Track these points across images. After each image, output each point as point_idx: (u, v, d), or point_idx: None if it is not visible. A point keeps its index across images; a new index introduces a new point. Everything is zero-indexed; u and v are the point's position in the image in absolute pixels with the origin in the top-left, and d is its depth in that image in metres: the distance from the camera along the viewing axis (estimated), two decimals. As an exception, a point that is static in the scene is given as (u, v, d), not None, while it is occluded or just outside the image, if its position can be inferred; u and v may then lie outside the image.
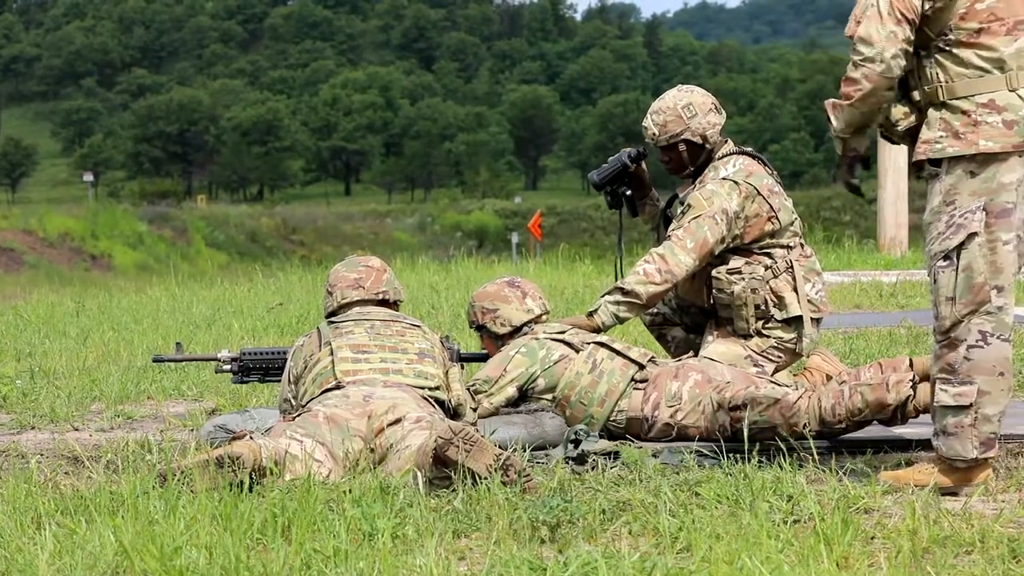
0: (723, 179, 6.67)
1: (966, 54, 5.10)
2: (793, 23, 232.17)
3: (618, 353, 6.28)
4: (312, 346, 5.98)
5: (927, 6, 5.10)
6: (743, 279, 6.65)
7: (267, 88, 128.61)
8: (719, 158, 6.79)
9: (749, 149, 6.89)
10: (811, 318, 6.72)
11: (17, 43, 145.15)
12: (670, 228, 6.68)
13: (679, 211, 6.75)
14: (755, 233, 6.66)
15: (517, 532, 4.38)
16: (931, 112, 5.16)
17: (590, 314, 6.63)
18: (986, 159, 5.04)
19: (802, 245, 6.83)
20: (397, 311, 6.33)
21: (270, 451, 5.16)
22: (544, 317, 6.57)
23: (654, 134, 6.81)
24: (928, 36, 5.15)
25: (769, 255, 6.69)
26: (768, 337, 6.69)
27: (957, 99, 5.10)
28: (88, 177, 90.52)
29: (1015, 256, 5.10)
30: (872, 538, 4.27)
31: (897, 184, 20.83)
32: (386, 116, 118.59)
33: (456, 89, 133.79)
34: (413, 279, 14.83)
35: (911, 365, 5.95)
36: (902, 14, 5.08)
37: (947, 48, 5.13)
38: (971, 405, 5.04)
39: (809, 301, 6.73)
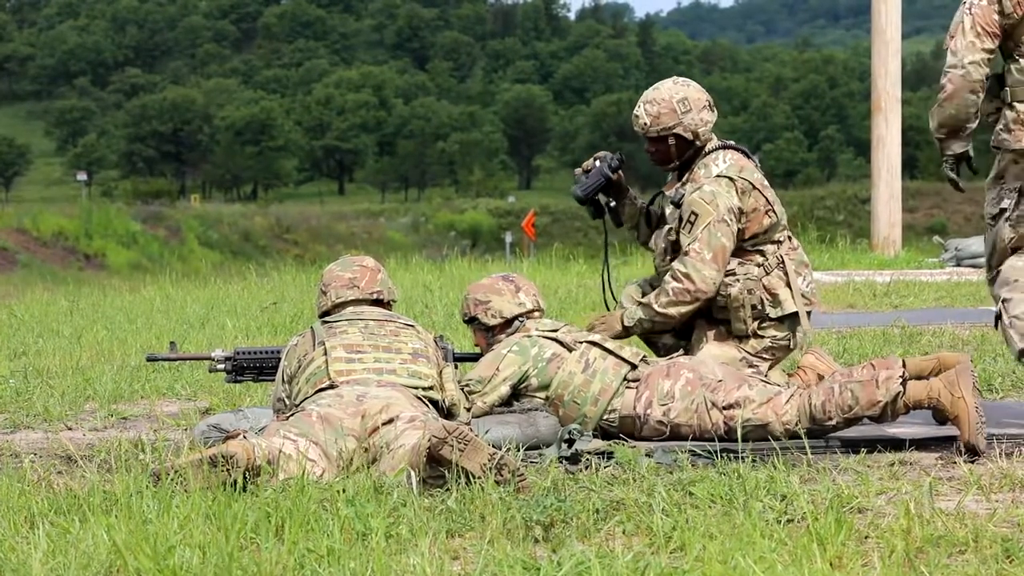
0: (718, 177, 6.66)
1: None
2: (786, 22, 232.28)
3: (610, 352, 6.29)
4: (306, 346, 5.98)
5: (1004, 22, 6.17)
6: (738, 280, 6.65)
7: (260, 87, 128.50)
8: (706, 154, 6.77)
9: (732, 143, 6.87)
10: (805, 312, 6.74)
11: (10, 42, 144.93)
12: (684, 241, 6.63)
13: (679, 217, 6.67)
14: (754, 228, 6.66)
15: (511, 531, 4.38)
16: (1003, 110, 6.30)
17: (622, 318, 6.69)
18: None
19: (789, 238, 6.84)
20: (391, 311, 6.33)
21: (264, 450, 5.16)
22: (536, 313, 6.57)
23: (645, 124, 6.78)
24: (1009, 48, 6.23)
25: (761, 252, 6.69)
26: (763, 337, 6.70)
27: (1017, 101, 6.23)
28: (82, 176, 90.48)
29: None
30: (866, 538, 4.27)
31: (891, 184, 20.86)
32: (379, 115, 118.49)
33: (449, 88, 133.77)
34: (407, 278, 14.83)
35: (903, 364, 5.95)
36: (983, 28, 6.14)
37: (1017, 58, 6.22)
38: (1000, 315, 6.29)
39: (801, 295, 6.74)
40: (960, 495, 4.85)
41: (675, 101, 6.75)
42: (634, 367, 6.24)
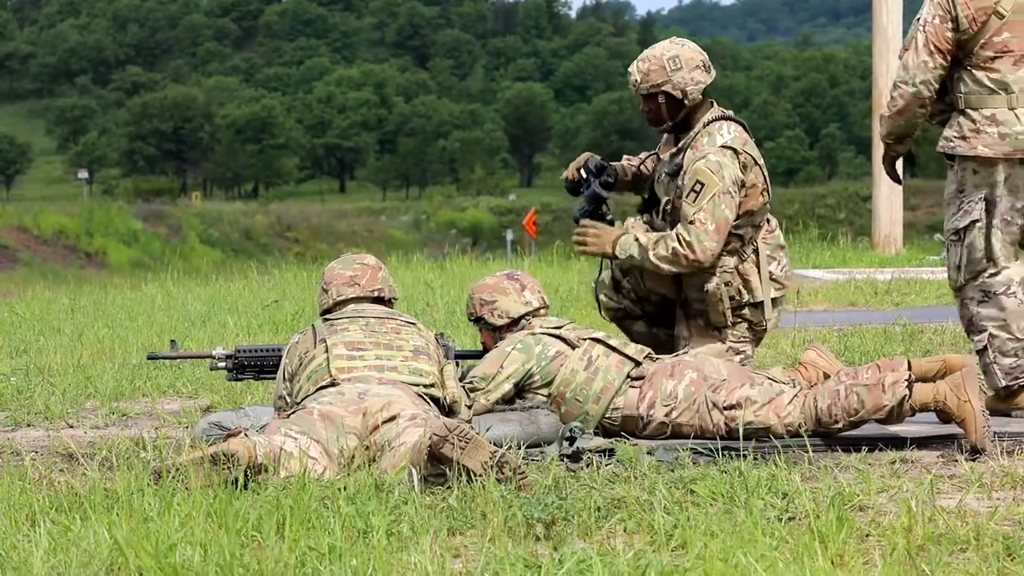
0: (723, 147, 6.64)
1: (980, 75, 6.46)
2: (787, 21, 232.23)
3: (614, 350, 6.28)
4: (307, 343, 5.98)
5: (958, 37, 6.44)
6: (715, 275, 6.67)
7: (261, 85, 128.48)
8: (709, 122, 6.74)
9: (731, 113, 6.86)
10: (773, 299, 6.77)
11: (11, 40, 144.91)
12: (688, 210, 6.58)
13: (680, 185, 6.66)
14: (749, 204, 6.66)
15: (512, 529, 4.38)
16: (953, 115, 6.56)
17: (616, 241, 6.71)
18: (984, 161, 6.45)
19: (768, 219, 6.84)
20: (392, 309, 6.33)
21: (265, 448, 5.16)
22: (542, 311, 6.56)
23: (636, 80, 6.78)
24: (959, 56, 6.48)
25: (739, 237, 6.69)
26: (740, 322, 6.74)
27: (970, 109, 6.47)
28: (83, 175, 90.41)
29: (1006, 235, 6.48)
30: (867, 536, 4.27)
31: (892, 183, 20.80)
32: (380, 113, 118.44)
33: (450, 86, 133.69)
34: (408, 277, 14.82)
35: (909, 366, 5.95)
36: (935, 46, 6.44)
37: (969, 68, 6.48)
38: (986, 348, 6.46)
39: (773, 279, 6.77)
40: (961, 493, 4.85)
41: (665, 59, 6.74)
42: (638, 364, 6.23)
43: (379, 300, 6.29)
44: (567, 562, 3.88)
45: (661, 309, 6.96)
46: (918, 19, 6.50)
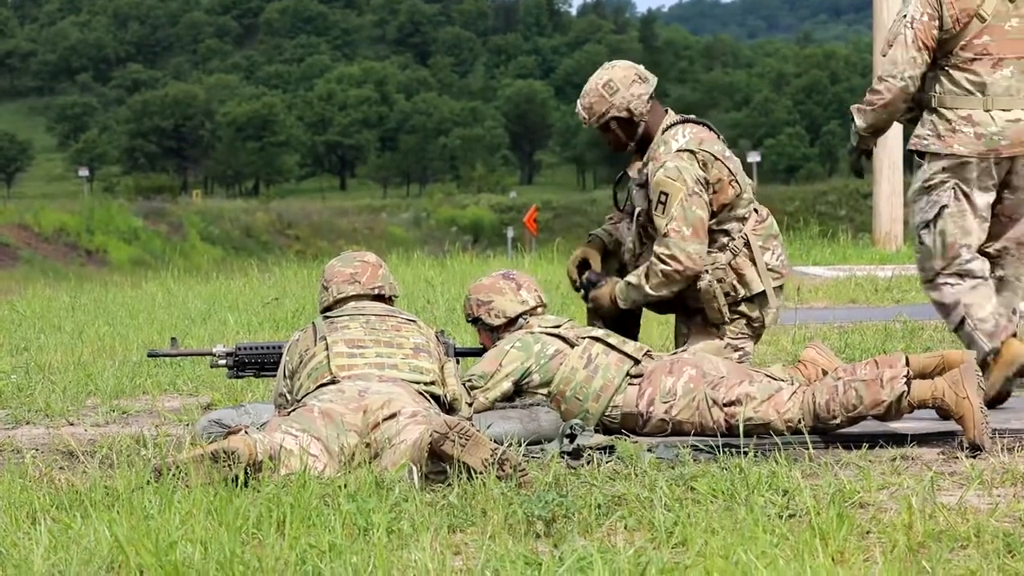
0: (678, 151, 6.65)
1: (959, 76, 6.65)
2: (788, 18, 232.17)
3: (613, 348, 6.28)
4: (307, 341, 5.98)
5: (941, 36, 6.60)
6: (707, 272, 6.68)
7: (262, 83, 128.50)
8: (664, 130, 6.76)
9: (693, 116, 6.88)
10: (774, 288, 6.77)
11: (11, 38, 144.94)
12: (661, 223, 6.61)
13: (648, 198, 6.68)
14: (721, 199, 6.67)
15: (512, 527, 4.38)
16: (925, 114, 6.73)
17: (612, 295, 6.76)
18: (957, 159, 6.63)
19: (756, 211, 6.84)
20: (393, 306, 6.32)
21: (265, 446, 5.16)
22: (539, 309, 6.56)
23: (584, 118, 6.86)
24: (937, 56, 6.66)
25: (726, 232, 6.70)
26: (738, 318, 6.74)
27: (945, 108, 6.66)
28: (83, 172, 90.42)
29: (979, 223, 6.67)
30: (867, 533, 4.27)
31: (892, 180, 20.84)
32: (381, 111, 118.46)
33: (451, 84, 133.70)
34: (408, 274, 14.82)
35: (907, 362, 5.95)
36: (924, 43, 6.61)
37: (947, 68, 6.66)
38: (964, 319, 6.63)
39: (770, 269, 6.78)
40: (962, 490, 4.85)
41: (600, 86, 6.79)
42: (637, 362, 6.23)
43: (380, 298, 6.29)
44: (567, 559, 3.88)
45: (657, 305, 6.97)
46: (904, 15, 6.65)
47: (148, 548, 3.97)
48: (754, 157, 74.95)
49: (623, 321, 6.89)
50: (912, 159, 6.90)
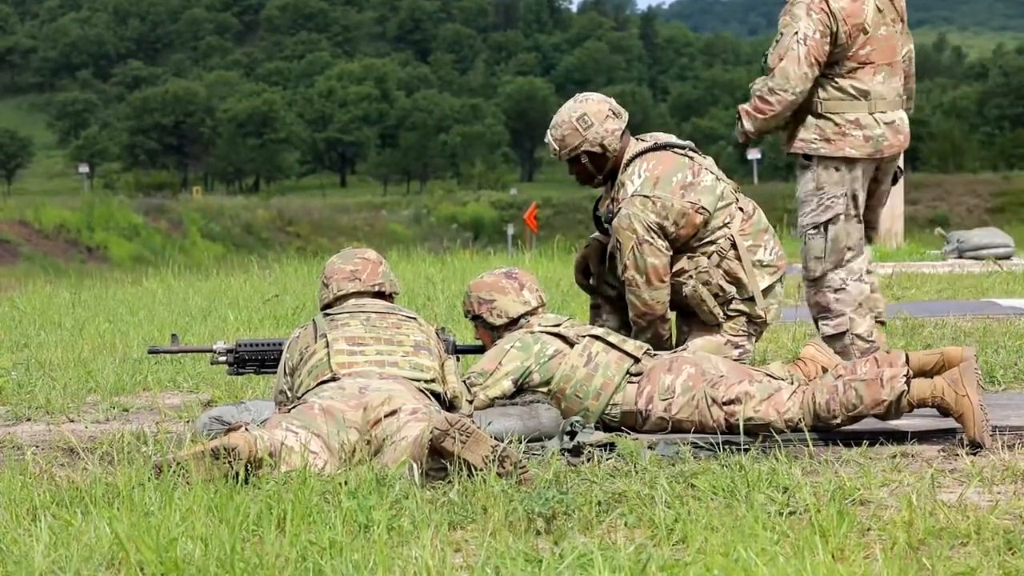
0: (632, 197, 6.70)
1: (844, 83, 7.05)
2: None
3: (613, 346, 6.28)
4: (308, 338, 5.98)
5: (832, 50, 6.99)
6: (691, 277, 6.74)
7: (263, 80, 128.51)
8: (625, 165, 6.82)
9: (650, 143, 6.89)
10: (768, 285, 6.82)
11: (12, 35, 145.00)
12: (619, 269, 6.74)
13: (613, 244, 6.79)
14: (690, 230, 6.75)
15: (513, 524, 4.38)
16: (810, 119, 7.09)
17: None
18: (848, 161, 7.06)
19: (741, 209, 6.86)
20: (393, 303, 6.32)
21: (266, 443, 5.16)
22: (541, 310, 6.56)
23: (555, 149, 6.95)
24: (822, 66, 7.02)
25: (711, 242, 6.74)
26: (738, 316, 6.77)
27: (832, 113, 7.05)
28: (84, 169, 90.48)
29: (858, 222, 7.17)
30: (868, 530, 4.27)
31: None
32: (381, 108, 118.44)
33: (451, 81, 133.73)
34: (409, 271, 14.82)
35: (907, 360, 5.95)
36: (815, 59, 6.96)
37: (832, 77, 7.06)
38: (846, 331, 7.11)
39: (765, 265, 6.80)
40: (962, 487, 4.85)
41: (575, 120, 6.87)
42: (637, 360, 6.23)
43: (380, 295, 6.29)
44: (568, 556, 3.88)
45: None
46: (796, 32, 6.96)
47: (148, 545, 3.97)
48: (754, 155, 74.85)
49: (627, 323, 6.95)
50: (796, 161, 7.18)
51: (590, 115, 6.83)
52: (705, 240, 6.74)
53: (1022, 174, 76.55)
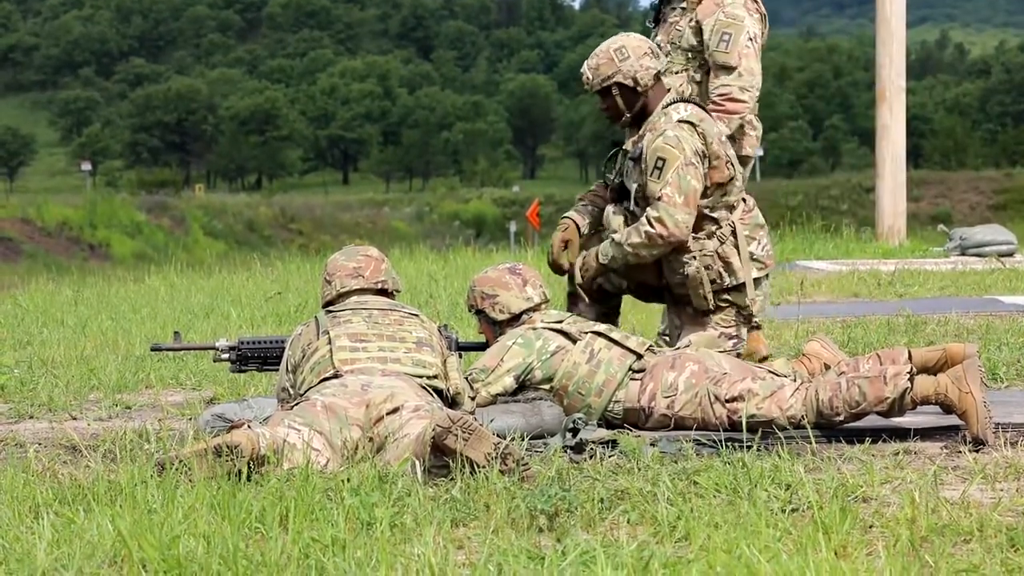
0: (679, 121, 6.63)
1: None
2: (790, 11, 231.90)
3: (616, 343, 6.28)
4: (310, 335, 5.97)
5: None
6: (695, 258, 6.66)
7: (265, 77, 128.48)
8: (666, 105, 6.74)
9: (691, 98, 6.88)
10: (756, 279, 6.78)
11: (15, 32, 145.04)
12: (655, 188, 6.55)
13: (642, 167, 6.62)
14: (716, 177, 6.63)
15: (515, 521, 4.38)
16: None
17: (597, 254, 6.78)
18: (748, 159, 7.24)
19: (744, 200, 6.84)
20: (394, 301, 6.32)
21: (268, 440, 5.16)
22: (544, 306, 6.55)
23: (588, 78, 6.78)
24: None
25: (715, 221, 6.69)
26: (728, 308, 6.73)
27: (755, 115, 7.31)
28: (86, 166, 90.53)
29: None
30: (870, 527, 4.27)
31: (895, 173, 20.84)
32: (384, 105, 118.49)
33: (454, 78, 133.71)
34: (411, 268, 14.83)
35: (909, 357, 5.95)
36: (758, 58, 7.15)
37: None
38: None
39: (755, 259, 6.78)
40: (965, 484, 4.85)
41: (612, 50, 6.75)
42: (639, 357, 6.23)
43: (382, 292, 6.28)
44: (570, 554, 3.88)
45: (641, 290, 6.99)
46: (747, 32, 7.07)
47: (151, 542, 3.97)
48: (756, 151, 74.83)
49: (604, 314, 6.90)
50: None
51: (628, 48, 6.75)
52: (713, 214, 6.68)
53: (1024, 171, 76.50)
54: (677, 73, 7.22)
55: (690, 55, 7.24)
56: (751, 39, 7.09)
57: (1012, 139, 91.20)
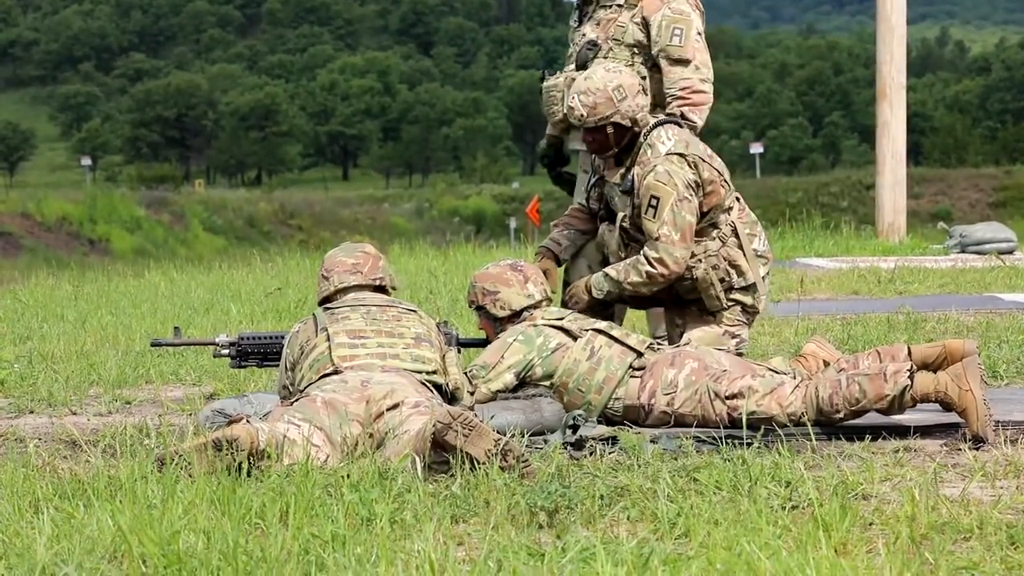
0: (667, 155, 6.61)
1: None
2: (791, 8, 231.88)
3: (616, 340, 6.27)
4: (308, 332, 5.98)
5: None
6: (701, 261, 6.65)
7: (265, 73, 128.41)
8: (647, 132, 6.69)
9: (663, 116, 6.85)
10: (761, 276, 6.78)
11: (15, 27, 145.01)
12: (652, 227, 6.53)
13: (636, 203, 6.61)
14: (713, 200, 6.61)
15: (515, 517, 4.38)
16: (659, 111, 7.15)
17: (588, 287, 6.74)
18: None
19: (738, 199, 6.83)
20: (391, 297, 6.32)
21: (267, 435, 5.16)
22: (544, 303, 6.55)
23: (582, 115, 6.65)
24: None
25: (714, 224, 6.69)
26: (734, 306, 6.73)
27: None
28: (86, 162, 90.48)
29: None
30: (870, 524, 4.27)
31: (895, 171, 20.82)
32: (384, 101, 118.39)
33: (454, 74, 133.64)
34: (411, 264, 14.83)
35: (909, 353, 5.95)
36: None
37: None
38: None
39: (759, 255, 6.78)
40: (965, 482, 4.85)
41: (610, 89, 6.64)
42: (640, 355, 6.23)
43: (380, 288, 6.29)
44: (570, 550, 3.88)
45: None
46: (693, 26, 7.18)
47: (151, 538, 3.97)
48: (757, 148, 74.83)
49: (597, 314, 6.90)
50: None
51: (625, 87, 6.69)
52: (711, 221, 6.69)
53: (1024, 169, 76.47)
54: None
55: (635, 50, 7.23)
56: (699, 33, 7.20)
57: (1012, 136, 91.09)
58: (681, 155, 6.57)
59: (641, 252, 6.59)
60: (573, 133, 7.39)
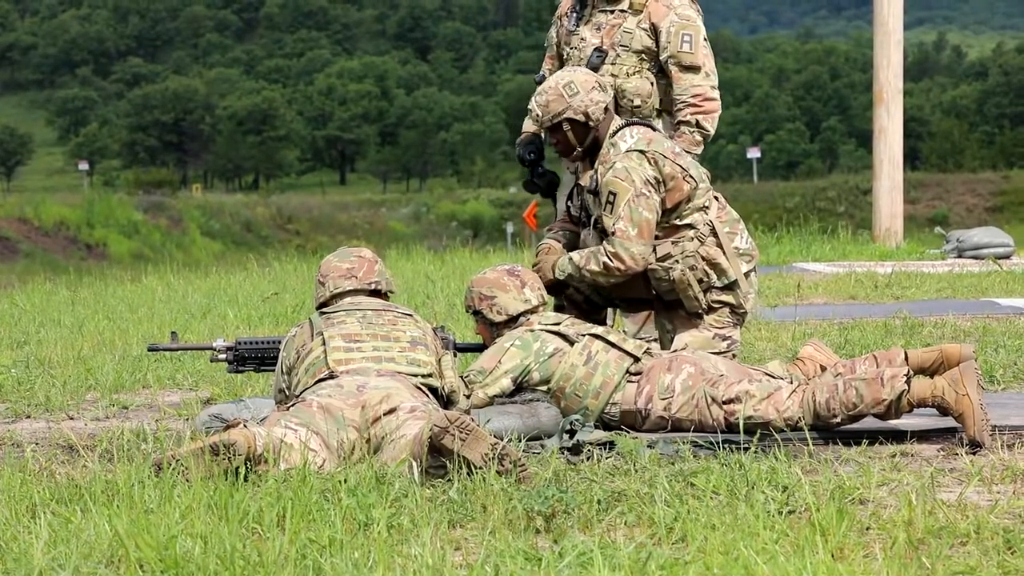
0: (628, 152, 6.63)
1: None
2: (788, 13, 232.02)
3: (613, 345, 6.27)
4: (304, 336, 5.98)
5: None
6: (678, 262, 6.65)
7: (262, 77, 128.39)
8: (612, 134, 6.74)
9: (637, 119, 6.87)
10: (745, 272, 6.76)
11: (12, 31, 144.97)
12: (608, 223, 6.57)
13: (599, 200, 6.66)
14: (676, 196, 6.61)
15: (512, 522, 4.38)
16: (660, 117, 7.33)
17: (554, 266, 6.80)
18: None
19: (716, 198, 6.83)
20: (388, 301, 6.33)
21: (265, 440, 5.16)
22: (541, 308, 6.55)
23: (538, 115, 6.75)
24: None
25: (690, 225, 6.68)
26: (721, 308, 6.72)
27: (667, 113, 7.32)
28: (83, 166, 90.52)
29: None
30: (867, 529, 4.27)
31: (892, 175, 20.84)
32: (381, 106, 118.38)
33: (451, 79, 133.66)
34: (408, 269, 14.83)
35: (906, 358, 5.94)
36: None
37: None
38: None
39: (742, 253, 6.76)
40: (962, 486, 4.85)
41: (561, 86, 6.72)
42: (636, 360, 6.23)
43: (376, 293, 6.29)
44: (567, 555, 3.88)
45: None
46: (700, 32, 7.25)
47: (148, 542, 3.97)
48: (754, 153, 74.88)
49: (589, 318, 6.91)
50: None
51: (576, 83, 6.74)
52: (686, 221, 6.68)
53: (1022, 173, 76.52)
54: (630, 76, 7.24)
55: (643, 56, 7.25)
56: (705, 39, 7.27)
57: (1009, 141, 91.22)
58: (641, 152, 6.59)
59: (601, 245, 6.62)
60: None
